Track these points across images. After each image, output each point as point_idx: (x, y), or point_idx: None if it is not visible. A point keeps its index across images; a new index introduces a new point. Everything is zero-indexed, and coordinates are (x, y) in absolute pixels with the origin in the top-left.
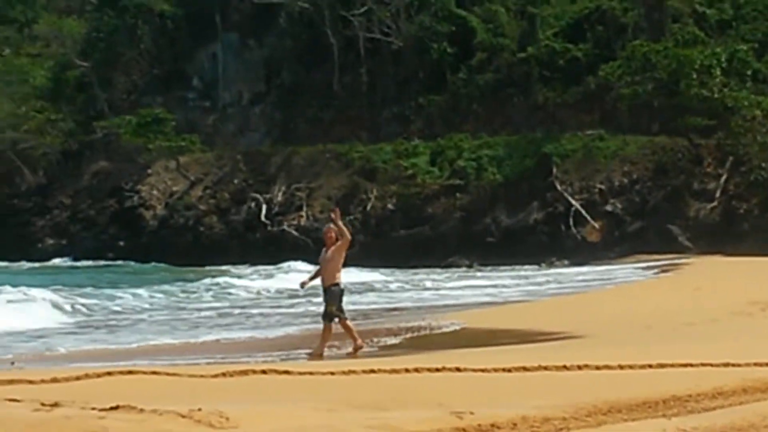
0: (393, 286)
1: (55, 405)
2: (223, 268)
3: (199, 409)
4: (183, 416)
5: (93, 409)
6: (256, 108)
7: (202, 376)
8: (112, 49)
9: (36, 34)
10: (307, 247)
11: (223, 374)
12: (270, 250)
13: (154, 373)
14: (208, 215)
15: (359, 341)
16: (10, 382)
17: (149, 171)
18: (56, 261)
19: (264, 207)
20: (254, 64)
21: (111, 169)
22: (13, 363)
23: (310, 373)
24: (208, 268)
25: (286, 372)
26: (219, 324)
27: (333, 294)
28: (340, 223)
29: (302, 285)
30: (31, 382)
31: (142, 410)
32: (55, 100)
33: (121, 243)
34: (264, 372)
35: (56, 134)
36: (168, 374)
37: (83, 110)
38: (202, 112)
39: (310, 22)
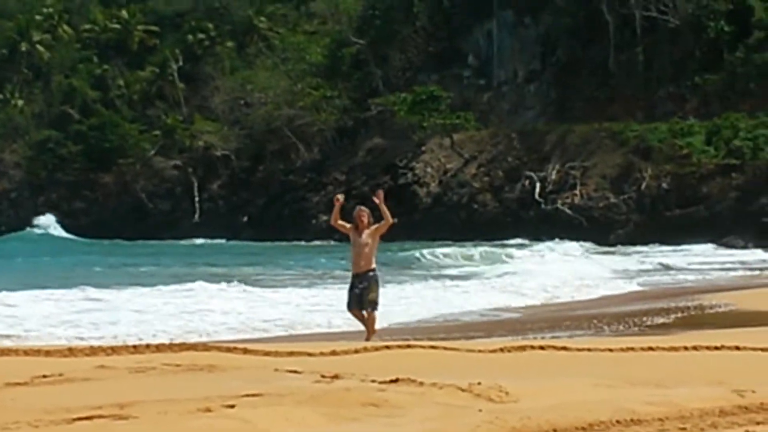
0: None
1: (335, 377)
2: None
3: (479, 383)
4: (463, 390)
5: (373, 381)
6: (531, 86)
7: (480, 351)
8: (388, 27)
9: (313, 12)
10: (580, 225)
11: (501, 349)
12: (543, 228)
13: (432, 347)
14: (482, 193)
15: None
16: (290, 354)
17: (423, 148)
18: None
19: (538, 185)
20: (529, 42)
21: (385, 146)
22: None
23: (588, 350)
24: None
25: (564, 348)
26: None
27: (374, 280)
28: (384, 206)
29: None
30: (310, 354)
31: (421, 383)
32: (331, 78)
33: (395, 219)
34: (542, 348)
35: (331, 111)
36: (446, 348)
37: (358, 87)
38: (476, 89)
39: (587, 0)
